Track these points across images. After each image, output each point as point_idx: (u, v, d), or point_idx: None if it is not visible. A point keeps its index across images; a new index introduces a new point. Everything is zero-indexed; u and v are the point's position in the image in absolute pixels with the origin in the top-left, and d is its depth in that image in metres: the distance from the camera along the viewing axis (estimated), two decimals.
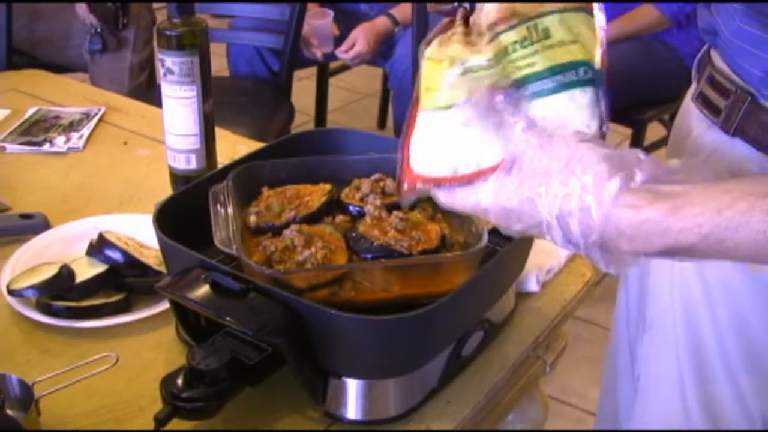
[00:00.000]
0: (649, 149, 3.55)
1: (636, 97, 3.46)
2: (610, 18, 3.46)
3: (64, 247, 1.51)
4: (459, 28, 1.01)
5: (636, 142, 3.50)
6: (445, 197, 0.97)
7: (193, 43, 1.55)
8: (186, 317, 1.25)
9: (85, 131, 2.00)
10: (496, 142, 0.92)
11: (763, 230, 0.81)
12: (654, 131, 3.67)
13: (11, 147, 1.94)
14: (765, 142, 1.12)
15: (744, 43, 1.12)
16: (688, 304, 1.27)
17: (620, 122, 3.60)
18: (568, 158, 0.87)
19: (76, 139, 1.96)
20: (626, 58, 3.42)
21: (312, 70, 4.18)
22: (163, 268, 1.36)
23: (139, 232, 1.49)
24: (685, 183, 0.88)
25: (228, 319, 1.08)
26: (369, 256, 1.19)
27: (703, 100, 1.22)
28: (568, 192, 0.86)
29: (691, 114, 1.26)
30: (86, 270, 1.39)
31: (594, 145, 0.89)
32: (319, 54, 3.64)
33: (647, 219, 0.84)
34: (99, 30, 3.33)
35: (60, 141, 1.96)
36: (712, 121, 1.20)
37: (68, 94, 2.24)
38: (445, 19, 1.04)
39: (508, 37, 0.95)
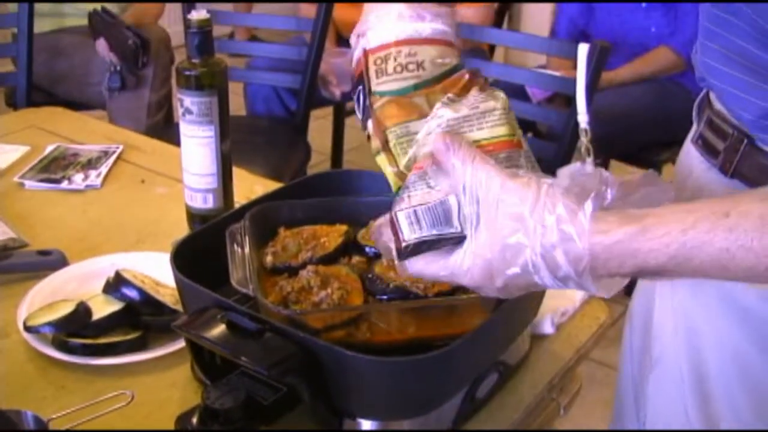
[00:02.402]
0: None
1: (652, 138, 3.48)
2: (626, 60, 3.48)
3: (81, 284, 1.52)
4: None
5: None
6: (422, 266, 0.97)
7: (212, 83, 1.56)
8: (202, 356, 1.25)
9: (103, 169, 2.02)
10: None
11: (726, 248, 0.83)
12: (669, 171, 3.67)
13: (30, 184, 1.95)
14: (762, 183, 1.13)
15: (728, 86, 1.13)
16: (690, 336, 1.28)
17: (636, 164, 3.61)
18: (534, 198, 0.89)
19: (94, 177, 1.98)
20: (642, 100, 3.44)
21: (328, 110, 4.19)
22: (179, 307, 1.36)
23: (155, 271, 1.49)
24: (650, 195, 0.91)
25: (243, 358, 1.08)
26: (385, 297, 1.19)
27: (703, 143, 1.23)
28: (546, 227, 0.87)
29: (691, 156, 1.27)
30: (103, 307, 1.40)
31: (551, 181, 0.91)
32: (337, 92, 3.65)
33: (618, 241, 0.85)
34: (118, 68, 3.37)
35: (78, 178, 1.97)
36: (711, 163, 1.21)
37: (87, 132, 2.26)
38: None
39: None
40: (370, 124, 1.05)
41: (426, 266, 0.97)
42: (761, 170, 1.13)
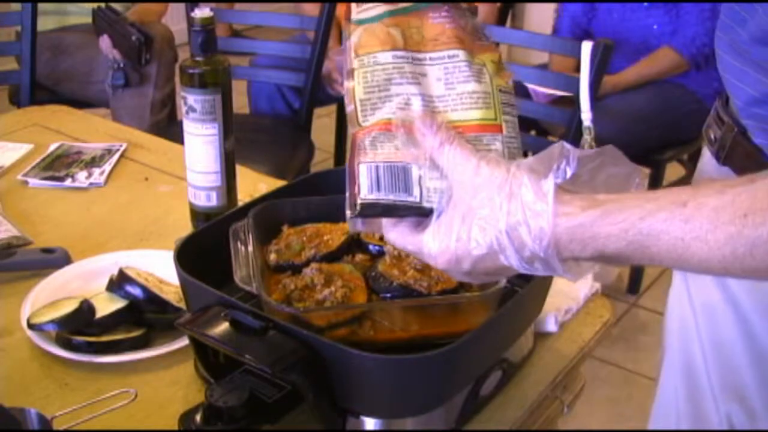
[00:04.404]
0: None
1: (656, 140, 3.47)
2: (630, 59, 3.48)
3: (84, 282, 1.52)
4: None
5: (655, 181, 3.51)
6: (395, 236, 0.99)
7: (215, 81, 1.56)
8: (205, 354, 1.25)
9: (107, 167, 2.02)
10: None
11: (681, 238, 0.83)
12: (673, 170, 3.67)
13: (34, 182, 1.96)
14: (748, 171, 1.14)
15: (727, 74, 1.14)
16: (687, 357, 1.30)
17: (640, 163, 3.60)
18: (503, 178, 0.90)
19: (98, 175, 1.98)
20: (646, 103, 3.44)
21: (332, 108, 4.20)
22: (182, 305, 1.36)
23: (159, 268, 1.50)
24: (615, 177, 0.94)
25: (247, 356, 1.08)
26: (388, 295, 1.19)
27: (707, 130, 1.25)
28: (512, 204, 0.89)
29: (704, 145, 1.30)
30: (106, 305, 1.40)
31: (520, 161, 0.93)
32: (343, 91, 3.63)
33: (580, 224, 0.86)
34: (122, 65, 3.37)
35: (82, 176, 1.97)
36: (710, 150, 1.23)
37: (91, 130, 2.26)
38: None
39: None
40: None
41: (397, 237, 0.98)
42: (748, 158, 1.15)
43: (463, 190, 0.93)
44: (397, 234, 0.98)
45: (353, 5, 1.07)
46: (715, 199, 0.83)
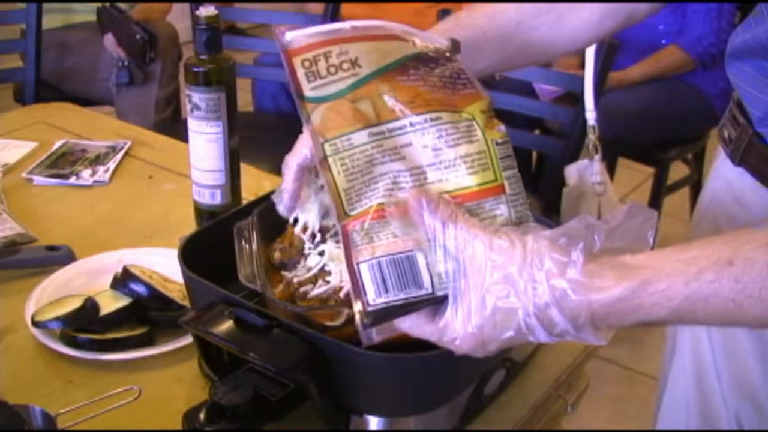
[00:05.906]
0: (672, 188, 3.57)
1: (660, 137, 3.47)
2: (636, 59, 3.48)
3: (88, 279, 1.53)
4: None
5: (659, 181, 3.51)
6: (410, 327, 0.93)
7: (220, 79, 1.56)
8: (209, 352, 1.25)
9: (111, 165, 2.02)
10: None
11: (732, 299, 0.81)
12: (677, 170, 3.67)
13: (38, 179, 1.96)
14: (763, 172, 1.14)
15: (746, 84, 1.14)
16: (699, 366, 1.30)
17: (644, 162, 3.60)
18: (521, 256, 0.85)
19: (102, 173, 1.98)
20: (651, 100, 3.44)
21: None
22: (186, 303, 1.36)
23: (163, 266, 1.49)
24: (632, 228, 0.89)
25: (251, 355, 1.08)
26: None
27: (721, 131, 1.25)
28: (537, 285, 0.84)
29: (717, 144, 1.30)
30: (110, 303, 1.40)
31: (537, 234, 0.88)
32: None
33: (618, 298, 0.83)
34: (126, 63, 3.37)
35: (86, 174, 1.97)
36: (725, 151, 1.22)
37: (95, 128, 2.26)
38: None
39: None
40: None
41: (413, 328, 0.93)
42: (763, 159, 1.14)
43: (477, 270, 0.87)
44: (411, 324, 0.92)
45: (301, 78, 0.97)
46: (766, 253, 0.81)
